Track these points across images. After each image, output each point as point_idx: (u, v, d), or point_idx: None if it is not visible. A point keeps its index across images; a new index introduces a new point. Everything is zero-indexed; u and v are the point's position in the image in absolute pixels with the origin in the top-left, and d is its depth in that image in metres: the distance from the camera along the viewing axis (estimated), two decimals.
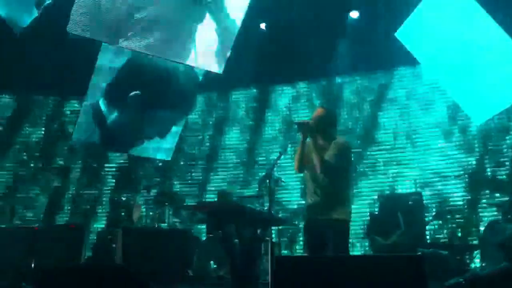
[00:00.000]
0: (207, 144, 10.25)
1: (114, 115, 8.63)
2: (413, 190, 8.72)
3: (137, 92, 8.41)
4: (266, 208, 5.07)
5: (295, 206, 9.23)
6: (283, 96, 10.14)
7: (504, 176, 8.24)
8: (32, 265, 6.81)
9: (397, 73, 9.48)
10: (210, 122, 10.36)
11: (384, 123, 9.35)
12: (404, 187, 8.91)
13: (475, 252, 7.32)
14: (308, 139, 4.95)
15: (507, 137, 8.45)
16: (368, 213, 8.41)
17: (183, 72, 8.60)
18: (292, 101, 10.06)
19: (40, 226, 8.74)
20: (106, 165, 10.15)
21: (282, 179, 7.59)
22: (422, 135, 9.07)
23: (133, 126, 8.74)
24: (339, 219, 4.76)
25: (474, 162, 8.51)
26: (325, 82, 9.82)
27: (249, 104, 10.29)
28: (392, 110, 9.37)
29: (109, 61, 8.45)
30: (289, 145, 8.18)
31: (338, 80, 9.73)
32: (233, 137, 10.21)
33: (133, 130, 8.81)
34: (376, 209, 8.35)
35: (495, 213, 8.04)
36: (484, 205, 8.15)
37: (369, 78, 9.64)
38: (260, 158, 9.84)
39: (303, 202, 9.04)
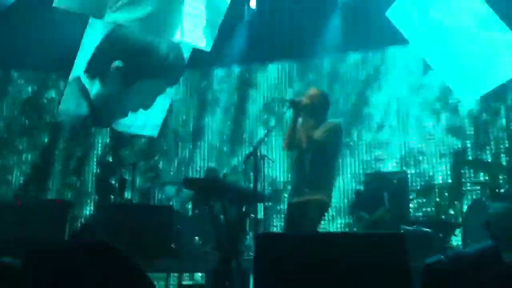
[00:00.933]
0: (191, 124, 10.16)
1: (96, 89, 8.55)
2: (399, 169, 8.77)
3: (119, 63, 8.33)
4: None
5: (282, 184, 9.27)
6: (269, 75, 10.05)
7: (489, 156, 8.29)
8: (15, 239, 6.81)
9: (387, 53, 9.43)
10: (194, 102, 10.26)
11: (373, 102, 9.32)
12: (390, 166, 8.95)
13: (458, 230, 7.40)
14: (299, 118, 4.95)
15: (495, 118, 8.45)
16: (354, 190, 8.47)
17: (166, 43, 8.50)
18: (279, 80, 9.99)
19: (24, 200, 8.71)
20: (91, 140, 10.05)
21: (269, 157, 7.59)
22: (411, 114, 9.05)
23: (115, 99, 8.67)
24: (317, 200, 4.78)
25: (459, 142, 8.54)
26: (315, 60, 9.75)
27: (233, 82, 10.20)
28: (382, 89, 9.32)
29: (95, 37, 8.37)
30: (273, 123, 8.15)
31: (328, 58, 9.65)
32: (217, 118, 10.13)
33: (116, 103, 8.74)
34: (362, 187, 8.40)
35: (479, 191, 8.14)
36: (468, 184, 8.21)
37: (359, 57, 9.58)
38: (245, 136, 9.79)
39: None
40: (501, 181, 7.62)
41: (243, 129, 9.86)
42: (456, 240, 7.49)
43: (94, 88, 8.56)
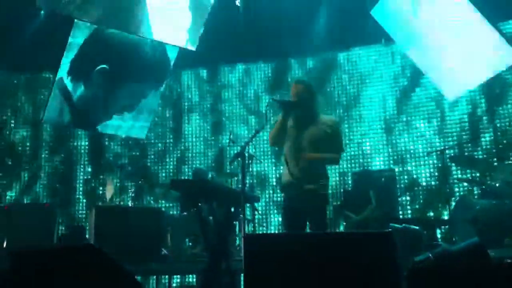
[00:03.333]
0: (179, 124, 10.14)
1: (80, 91, 8.50)
2: (387, 166, 8.81)
3: (104, 66, 8.29)
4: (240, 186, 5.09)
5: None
6: (256, 74, 10.06)
7: (477, 153, 8.34)
8: (4, 244, 6.77)
9: (372, 51, 9.46)
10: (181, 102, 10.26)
11: (360, 100, 9.35)
12: (378, 164, 8.99)
13: (445, 227, 7.45)
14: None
15: (483, 116, 8.51)
16: (342, 190, 8.49)
17: (150, 44, 8.46)
18: (266, 78, 9.99)
19: (11, 205, 8.66)
20: (77, 143, 9.98)
21: (256, 157, 7.61)
22: (398, 114, 9.10)
23: (99, 102, 8.62)
24: (319, 193, 4.81)
25: (449, 139, 8.58)
26: (303, 58, 9.74)
27: (218, 82, 10.19)
28: (370, 86, 9.36)
29: (81, 38, 8.32)
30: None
31: (315, 57, 9.65)
32: (202, 118, 10.09)
33: (100, 106, 8.69)
34: (349, 186, 8.44)
35: (466, 188, 8.19)
36: (456, 180, 8.26)
37: (344, 55, 9.61)
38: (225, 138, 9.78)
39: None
40: (488, 178, 7.66)
41: (227, 128, 9.82)
42: (444, 237, 7.53)
43: (78, 90, 8.51)
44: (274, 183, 9.29)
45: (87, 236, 7.69)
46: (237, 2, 9.30)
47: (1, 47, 8.56)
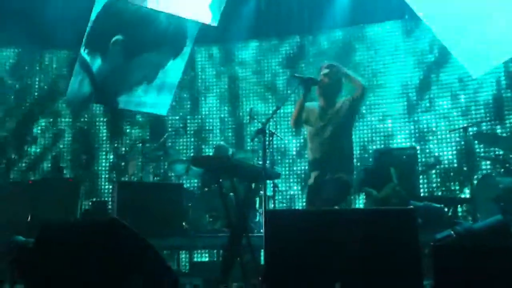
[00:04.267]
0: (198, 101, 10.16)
1: (98, 64, 8.52)
2: (408, 144, 8.74)
3: (119, 37, 8.28)
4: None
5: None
6: (278, 50, 9.98)
7: (500, 131, 8.22)
8: (29, 218, 6.89)
9: (393, 27, 9.32)
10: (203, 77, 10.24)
11: (382, 77, 9.25)
12: (400, 142, 8.92)
13: (468, 205, 7.39)
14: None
15: (508, 94, 8.37)
16: (363, 167, 8.44)
17: (164, 15, 8.42)
18: (287, 55, 9.91)
19: (36, 180, 8.79)
20: (98, 119, 10.05)
21: (277, 133, 7.59)
22: (418, 90, 8.98)
23: (118, 73, 8.63)
24: (343, 179, 4.89)
25: (473, 116, 8.48)
26: (327, 34, 9.61)
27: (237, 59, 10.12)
28: (390, 65, 9.24)
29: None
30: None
31: (340, 31, 9.53)
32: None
33: (118, 77, 8.70)
34: (370, 163, 8.39)
35: (489, 166, 8.09)
36: (478, 158, 8.16)
37: (362, 32, 9.48)
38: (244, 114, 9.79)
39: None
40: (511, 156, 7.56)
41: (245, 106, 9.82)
42: (466, 215, 7.48)
43: (96, 63, 8.52)
44: (294, 157, 9.32)
45: (109, 211, 7.80)
46: None
47: (25, 24, 8.61)
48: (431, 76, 8.92)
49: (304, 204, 5.41)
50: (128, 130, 9.91)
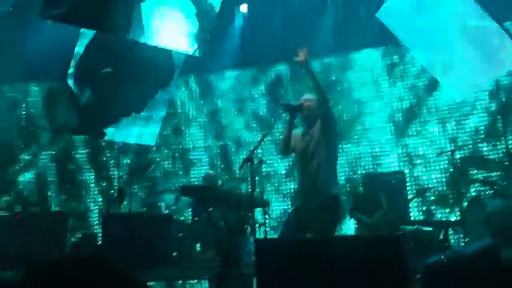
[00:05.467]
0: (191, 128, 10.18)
1: (86, 96, 8.52)
2: (397, 168, 8.79)
3: (108, 69, 8.30)
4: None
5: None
6: (262, 79, 10.08)
7: (491, 153, 8.29)
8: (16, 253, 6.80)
9: (381, 53, 9.46)
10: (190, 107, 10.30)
11: (372, 101, 9.36)
12: (388, 166, 8.96)
13: (458, 228, 7.40)
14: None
15: (498, 116, 8.48)
16: (353, 193, 8.45)
17: (153, 47, 8.48)
18: (271, 84, 9.99)
19: (23, 214, 8.69)
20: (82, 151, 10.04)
21: (265, 161, 7.61)
22: (407, 114, 9.08)
23: (106, 105, 8.61)
24: (329, 197, 4.80)
25: (463, 139, 8.55)
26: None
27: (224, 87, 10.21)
28: (379, 89, 9.35)
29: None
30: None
31: (323, 59, 9.62)
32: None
33: (107, 109, 8.68)
34: (358, 184, 8.42)
35: (479, 189, 8.13)
36: (468, 182, 8.20)
37: (349, 58, 9.59)
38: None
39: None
40: (499, 179, 7.62)
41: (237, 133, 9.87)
42: (456, 238, 7.48)
43: (84, 95, 8.52)
44: (283, 178, 9.36)
45: (99, 243, 7.72)
46: (241, 9, 9.36)
47: (9, 59, 8.64)
48: (420, 101, 9.01)
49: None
50: (113, 161, 9.90)
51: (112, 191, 9.64)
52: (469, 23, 7.53)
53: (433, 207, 8.50)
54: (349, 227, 8.27)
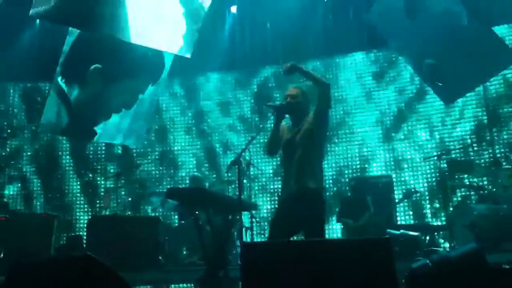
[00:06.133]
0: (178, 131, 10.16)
1: (75, 93, 8.45)
2: (384, 172, 8.82)
3: (97, 65, 8.24)
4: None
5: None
6: (250, 80, 10.08)
7: (477, 159, 8.35)
8: (1, 255, 6.76)
9: (369, 56, 9.50)
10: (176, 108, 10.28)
11: (361, 104, 9.39)
12: (375, 169, 9.00)
13: (444, 232, 7.44)
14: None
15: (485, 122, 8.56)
16: (341, 198, 8.47)
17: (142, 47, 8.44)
18: (261, 85, 10.01)
19: (8, 216, 8.61)
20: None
21: (253, 163, 7.59)
22: (396, 119, 9.12)
23: (96, 101, 8.55)
24: (312, 188, 4.61)
25: (451, 144, 8.61)
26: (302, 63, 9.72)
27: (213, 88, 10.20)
28: (370, 93, 9.40)
29: None
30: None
31: (311, 62, 9.64)
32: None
33: (97, 106, 8.61)
34: (347, 191, 8.44)
35: (464, 194, 8.18)
36: (453, 186, 8.25)
37: (339, 61, 9.63)
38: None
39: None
40: (485, 183, 7.68)
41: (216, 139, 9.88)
42: (442, 243, 7.52)
43: (73, 92, 8.45)
44: (273, 191, 9.32)
45: (84, 245, 7.67)
46: (233, 9, 9.35)
47: None
48: (411, 106, 9.06)
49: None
50: (99, 163, 9.86)
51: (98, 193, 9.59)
52: (458, 27, 7.58)
53: (419, 212, 8.53)
54: (336, 230, 8.29)
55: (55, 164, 9.93)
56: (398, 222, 8.16)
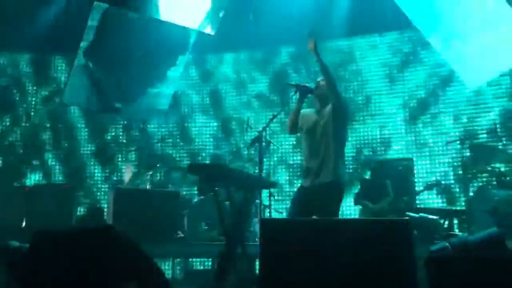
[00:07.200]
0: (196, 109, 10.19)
1: (98, 71, 8.52)
2: (405, 155, 8.75)
3: (120, 43, 8.27)
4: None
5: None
6: (276, 59, 10.01)
7: (497, 144, 8.23)
8: (23, 224, 6.89)
9: (391, 37, 9.37)
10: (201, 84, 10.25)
11: (387, 86, 9.29)
12: (397, 153, 8.93)
13: (464, 217, 7.39)
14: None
15: (503, 104, 8.40)
16: (360, 180, 8.44)
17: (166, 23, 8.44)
18: (284, 64, 9.94)
19: (31, 186, 8.76)
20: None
21: (273, 142, 7.59)
22: (422, 103, 9.02)
23: (120, 79, 8.61)
24: (331, 182, 4.77)
25: (470, 129, 8.49)
26: (328, 43, 9.56)
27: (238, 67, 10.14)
28: (398, 74, 9.26)
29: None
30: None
31: (331, 43, 9.52)
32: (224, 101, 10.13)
33: (122, 83, 8.68)
34: (367, 174, 8.39)
35: (485, 179, 8.10)
36: (475, 171, 8.17)
37: (362, 42, 9.52)
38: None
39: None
40: (507, 169, 7.58)
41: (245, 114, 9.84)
42: (462, 227, 7.47)
43: (96, 70, 8.52)
44: (292, 169, 9.31)
45: (105, 217, 7.78)
46: None
47: (23, 30, 8.62)
48: (436, 90, 8.91)
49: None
50: (122, 137, 9.93)
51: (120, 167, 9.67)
52: (486, 9, 7.44)
53: (439, 196, 8.46)
54: (353, 212, 8.28)
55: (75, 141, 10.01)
56: (418, 206, 8.09)
